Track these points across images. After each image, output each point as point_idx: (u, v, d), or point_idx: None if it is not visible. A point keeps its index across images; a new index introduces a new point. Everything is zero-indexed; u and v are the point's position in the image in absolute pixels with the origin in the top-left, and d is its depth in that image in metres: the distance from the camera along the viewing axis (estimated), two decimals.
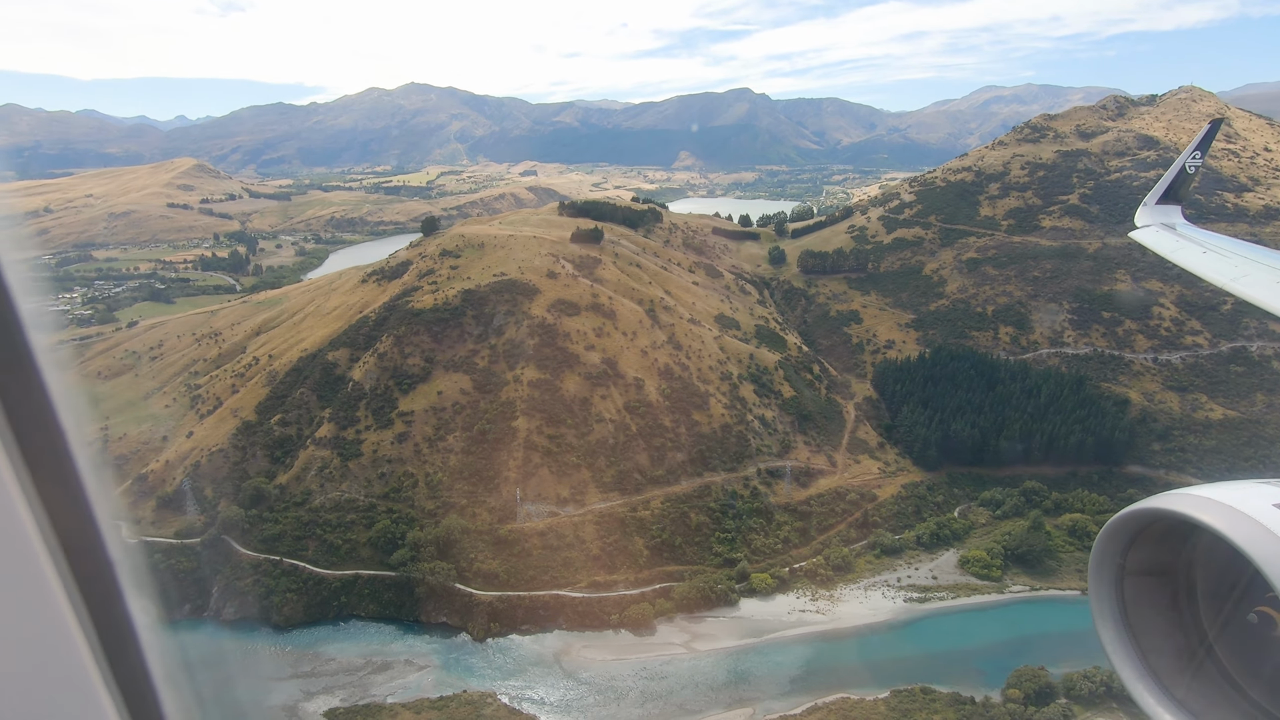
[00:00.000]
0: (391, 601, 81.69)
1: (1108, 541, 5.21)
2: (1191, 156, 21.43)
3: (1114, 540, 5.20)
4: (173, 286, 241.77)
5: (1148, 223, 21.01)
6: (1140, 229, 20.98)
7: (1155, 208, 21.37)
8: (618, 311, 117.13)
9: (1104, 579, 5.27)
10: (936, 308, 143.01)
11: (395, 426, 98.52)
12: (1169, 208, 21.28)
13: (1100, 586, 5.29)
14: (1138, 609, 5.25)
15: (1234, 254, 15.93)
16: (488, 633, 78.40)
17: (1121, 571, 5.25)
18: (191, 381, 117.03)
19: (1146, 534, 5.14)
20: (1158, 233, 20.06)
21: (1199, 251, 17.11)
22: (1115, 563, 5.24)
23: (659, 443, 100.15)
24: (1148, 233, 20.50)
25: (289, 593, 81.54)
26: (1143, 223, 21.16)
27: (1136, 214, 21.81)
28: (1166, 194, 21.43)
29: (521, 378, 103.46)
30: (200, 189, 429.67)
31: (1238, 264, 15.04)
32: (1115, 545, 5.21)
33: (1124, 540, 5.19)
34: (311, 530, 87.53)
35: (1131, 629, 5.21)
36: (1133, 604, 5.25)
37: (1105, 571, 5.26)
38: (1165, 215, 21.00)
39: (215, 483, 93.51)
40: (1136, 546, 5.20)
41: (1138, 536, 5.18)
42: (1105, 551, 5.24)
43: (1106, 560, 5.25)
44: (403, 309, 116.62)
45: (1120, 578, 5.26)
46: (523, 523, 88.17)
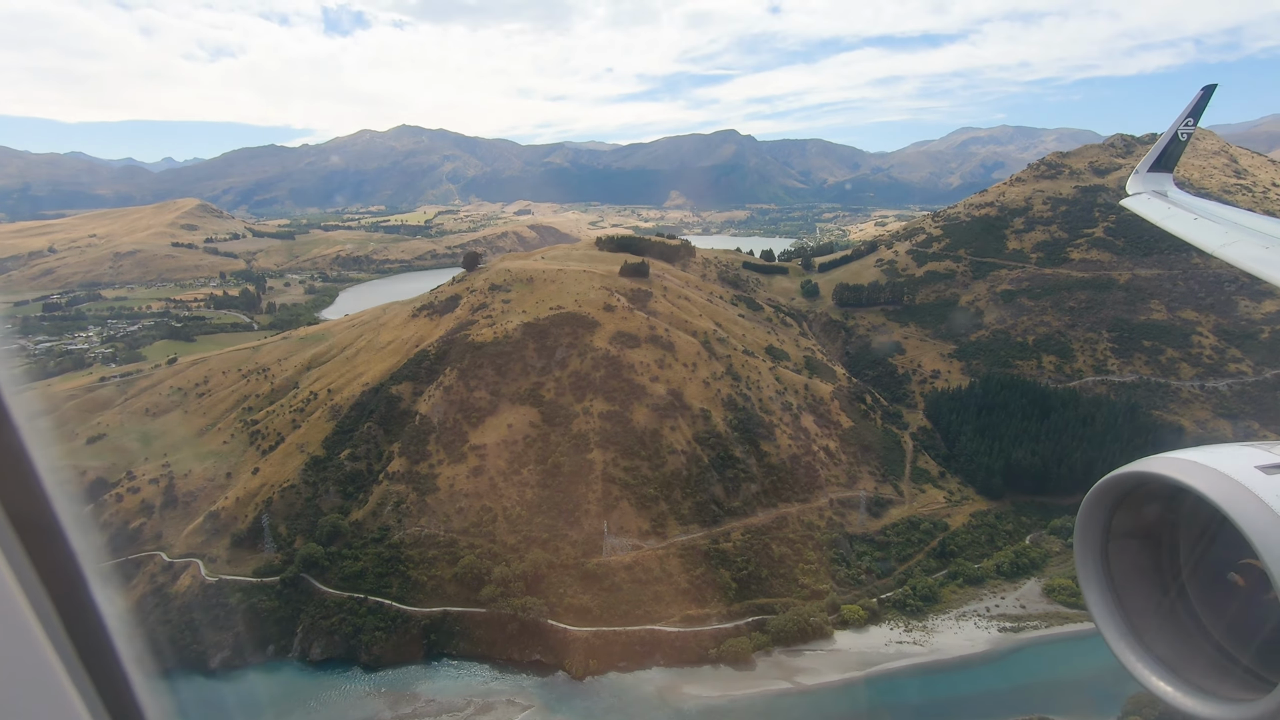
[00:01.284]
0: (483, 639, 79.76)
1: (1093, 506, 5.23)
2: (1184, 124, 21.28)
3: (1099, 505, 5.22)
4: (189, 325, 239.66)
5: (1139, 190, 20.95)
6: (1131, 196, 20.92)
7: (1147, 175, 21.32)
8: (676, 343, 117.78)
9: (1089, 543, 5.30)
10: (977, 338, 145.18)
11: (469, 460, 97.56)
12: (1160, 175, 21.20)
13: (1086, 550, 5.33)
14: (1122, 571, 5.30)
15: (1223, 220, 15.91)
16: (586, 670, 76.60)
17: (1107, 535, 5.28)
18: (247, 417, 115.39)
19: (1132, 498, 5.18)
20: (1149, 200, 19.97)
21: (1190, 218, 17.05)
22: (1101, 526, 5.27)
23: (732, 474, 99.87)
24: (1139, 200, 20.41)
25: (377, 631, 79.46)
26: (1134, 190, 21.13)
27: (1128, 181, 21.84)
28: (1158, 162, 21.34)
29: (591, 410, 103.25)
30: (204, 228, 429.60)
31: (1227, 230, 14.99)
32: (1100, 509, 5.24)
33: (1109, 505, 5.21)
34: (394, 567, 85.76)
35: (1116, 591, 5.25)
36: (1117, 566, 5.30)
37: (1091, 535, 5.29)
38: (1157, 183, 20.89)
39: (289, 519, 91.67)
40: (1122, 510, 5.24)
41: (1123, 500, 5.21)
42: (1091, 516, 5.26)
43: (1092, 524, 5.28)
44: (462, 342, 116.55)
45: (1106, 541, 5.29)
46: (608, 556, 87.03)
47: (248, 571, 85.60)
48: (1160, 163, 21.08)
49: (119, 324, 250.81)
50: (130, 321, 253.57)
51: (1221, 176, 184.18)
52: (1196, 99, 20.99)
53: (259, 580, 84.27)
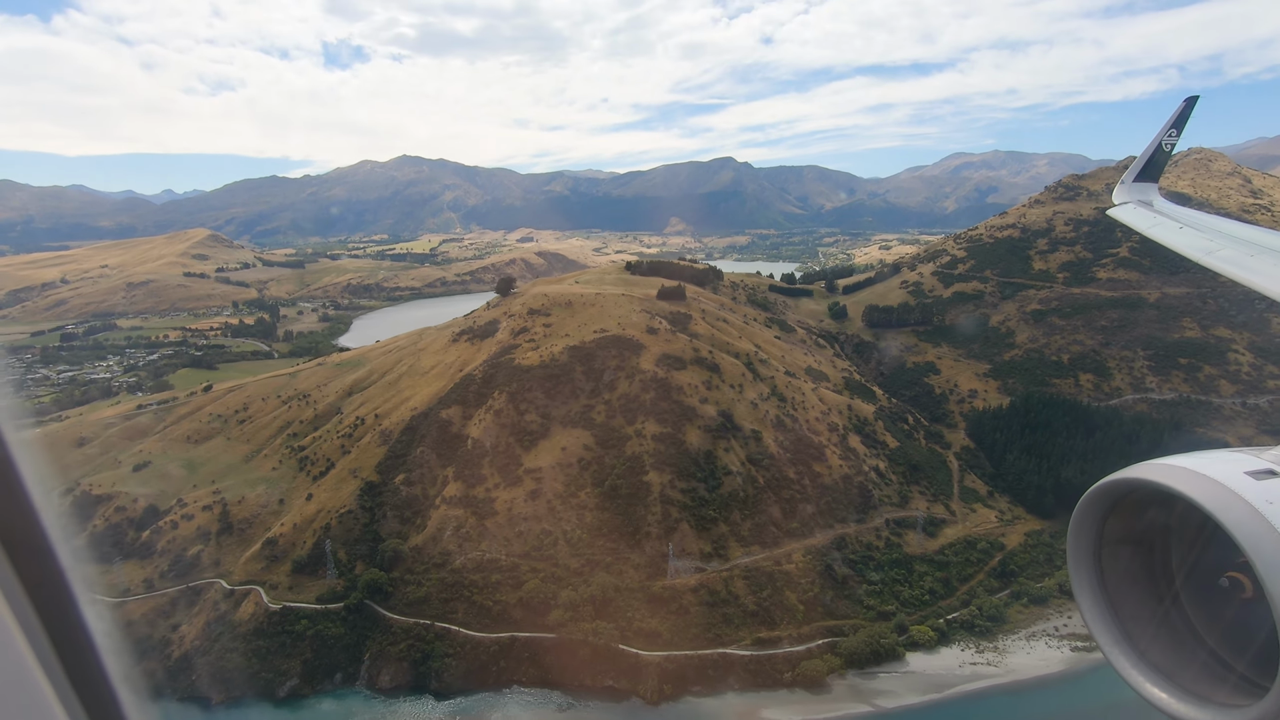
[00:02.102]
0: (553, 665, 78.62)
1: (1085, 513, 5.22)
2: (1168, 134, 21.63)
3: (1091, 511, 5.21)
4: (209, 353, 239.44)
5: (1125, 199, 21.17)
6: (1118, 206, 21.10)
7: (1133, 185, 21.61)
8: (721, 365, 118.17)
9: (1082, 549, 5.30)
10: (1011, 357, 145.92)
11: (525, 484, 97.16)
12: (1146, 185, 21.55)
13: (1079, 557, 5.33)
14: (1115, 577, 5.26)
15: (1208, 229, 16.01)
16: (660, 695, 75.51)
17: (1099, 541, 5.26)
18: (293, 443, 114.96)
19: (1123, 504, 5.17)
20: (1135, 209, 20.09)
21: (1175, 227, 17.17)
22: (1093, 533, 5.26)
23: (787, 495, 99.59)
24: (1125, 209, 20.51)
25: (447, 658, 78.37)
26: (1120, 200, 21.37)
27: (1114, 191, 22.18)
28: (1143, 172, 21.70)
29: (644, 431, 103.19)
30: (214, 258, 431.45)
31: (1211, 238, 15.07)
32: (1093, 516, 5.23)
33: (1101, 511, 5.21)
34: (458, 592, 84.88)
35: (1109, 597, 5.22)
36: (1110, 573, 5.27)
37: (1084, 542, 5.28)
38: (1142, 193, 21.22)
39: (347, 545, 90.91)
40: (1114, 517, 5.22)
41: (1115, 507, 5.19)
42: (1083, 522, 5.26)
43: (1085, 531, 5.27)
44: (508, 365, 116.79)
45: (1098, 548, 5.28)
46: (673, 579, 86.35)
47: (310, 598, 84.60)
48: (1145, 173, 21.52)
49: (137, 353, 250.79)
50: (149, 350, 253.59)
51: (1239, 197, 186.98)
52: (1179, 110, 21.60)
53: (323, 607, 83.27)
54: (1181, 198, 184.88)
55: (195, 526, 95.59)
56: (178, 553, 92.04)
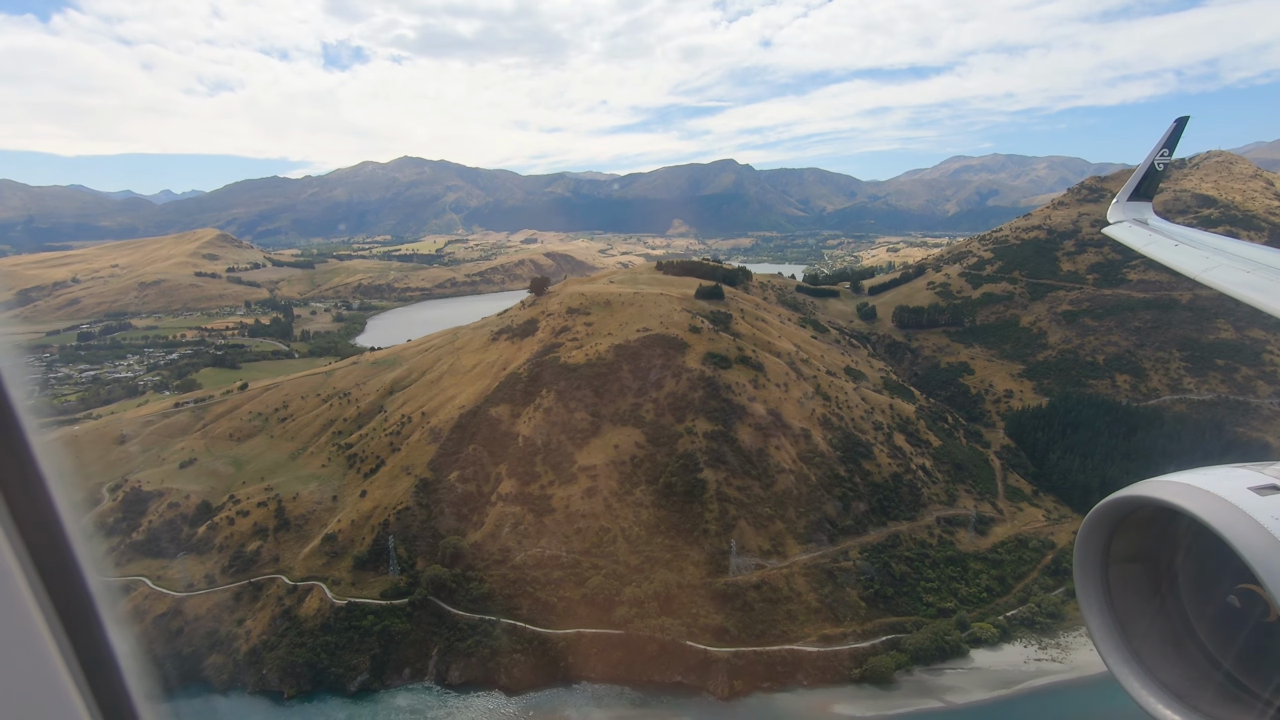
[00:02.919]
0: (621, 661, 78.84)
1: (1091, 531, 5.23)
2: (1160, 154, 21.76)
3: (1097, 529, 5.22)
4: (230, 353, 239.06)
5: (1120, 218, 21.32)
6: (1113, 224, 21.31)
7: (1127, 204, 21.67)
8: (765, 364, 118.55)
9: (1089, 568, 5.28)
10: (1044, 358, 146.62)
11: (580, 481, 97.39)
12: (1140, 204, 21.59)
13: (1086, 575, 5.30)
14: (1122, 595, 5.25)
15: (1204, 246, 16.08)
16: (730, 691, 75.78)
17: (1106, 559, 5.26)
18: (339, 441, 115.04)
19: (1129, 522, 5.17)
20: (1130, 228, 20.22)
21: (1171, 245, 17.26)
22: (1099, 551, 5.26)
23: (840, 492, 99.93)
24: (1121, 228, 20.61)
25: (515, 654, 78.55)
26: (1115, 219, 21.54)
27: (1109, 210, 22.33)
28: (1137, 191, 21.76)
29: (695, 429, 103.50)
30: (224, 258, 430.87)
31: (1208, 255, 15.10)
32: (1099, 534, 5.24)
33: (1107, 529, 5.22)
34: (521, 588, 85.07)
35: (1117, 615, 5.21)
36: (1117, 591, 5.25)
37: (1090, 560, 5.28)
38: (1137, 211, 21.29)
39: (406, 541, 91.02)
40: (1120, 534, 5.22)
41: (1120, 524, 5.20)
42: (1089, 540, 5.26)
43: (1091, 549, 5.27)
44: (553, 364, 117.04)
45: (1105, 565, 5.27)
46: (736, 575, 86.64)
47: (374, 594, 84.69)
48: (1139, 191, 21.64)
49: (155, 353, 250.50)
50: (167, 350, 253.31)
51: (1264, 199, 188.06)
52: (1171, 130, 21.80)
53: (387, 603, 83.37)
54: (1207, 200, 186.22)
55: (252, 523, 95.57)
56: (236, 548, 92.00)
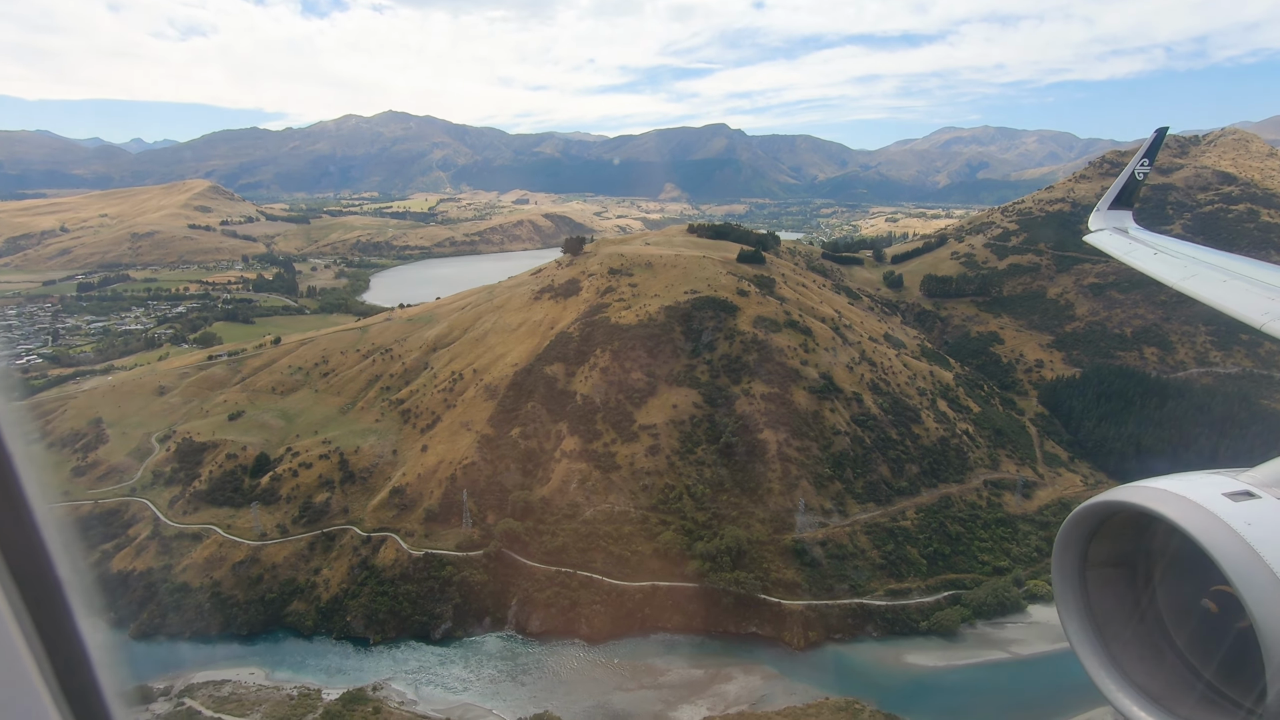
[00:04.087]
0: (697, 613, 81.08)
1: (1069, 535, 5.31)
2: (1140, 164, 22.24)
3: (1075, 533, 5.30)
4: (239, 307, 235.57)
5: (1101, 226, 21.52)
6: (1094, 233, 21.49)
7: (1108, 213, 21.87)
8: (812, 329, 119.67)
9: (1067, 572, 5.37)
10: (1072, 329, 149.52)
11: (642, 440, 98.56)
12: (1121, 212, 21.79)
13: (1064, 579, 5.38)
14: (1100, 599, 5.32)
15: (1182, 255, 16.36)
16: (805, 641, 78.53)
17: (1084, 563, 5.34)
18: (389, 396, 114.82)
19: (1107, 527, 5.24)
20: (1111, 236, 20.46)
21: (1150, 253, 17.52)
22: (1078, 555, 5.34)
23: (894, 455, 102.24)
24: (1102, 236, 20.86)
25: (594, 604, 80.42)
26: (1096, 227, 21.82)
27: (1090, 218, 22.63)
28: (1118, 199, 22.00)
29: (752, 391, 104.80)
30: (217, 210, 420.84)
31: (1186, 264, 15.37)
32: (1077, 539, 5.31)
33: (1085, 533, 5.29)
34: (593, 542, 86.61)
35: (1094, 619, 5.29)
36: (1095, 595, 5.32)
37: (1068, 564, 5.36)
38: (1118, 220, 21.53)
39: (474, 495, 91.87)
40: (1098, 539, 5.29)
41: (1098, 529, 5.26)
42: (1067, 545, 5.34)
43: (1069, 553, 5.35)
44: (604, 324, 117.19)
45: (1083, 569, 5.35)
46: (801, 533, 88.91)
47: (449, 546, 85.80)
48: (1120, 200, 21.90)
49: (160, 305, 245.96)
50: (172, 303, 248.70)
51: None
52: (1150, 140, 22.40)
53: (463, 554, 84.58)
54: (1227, 177, 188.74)
55: (316, 475, 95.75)
56: (304, 499, 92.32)
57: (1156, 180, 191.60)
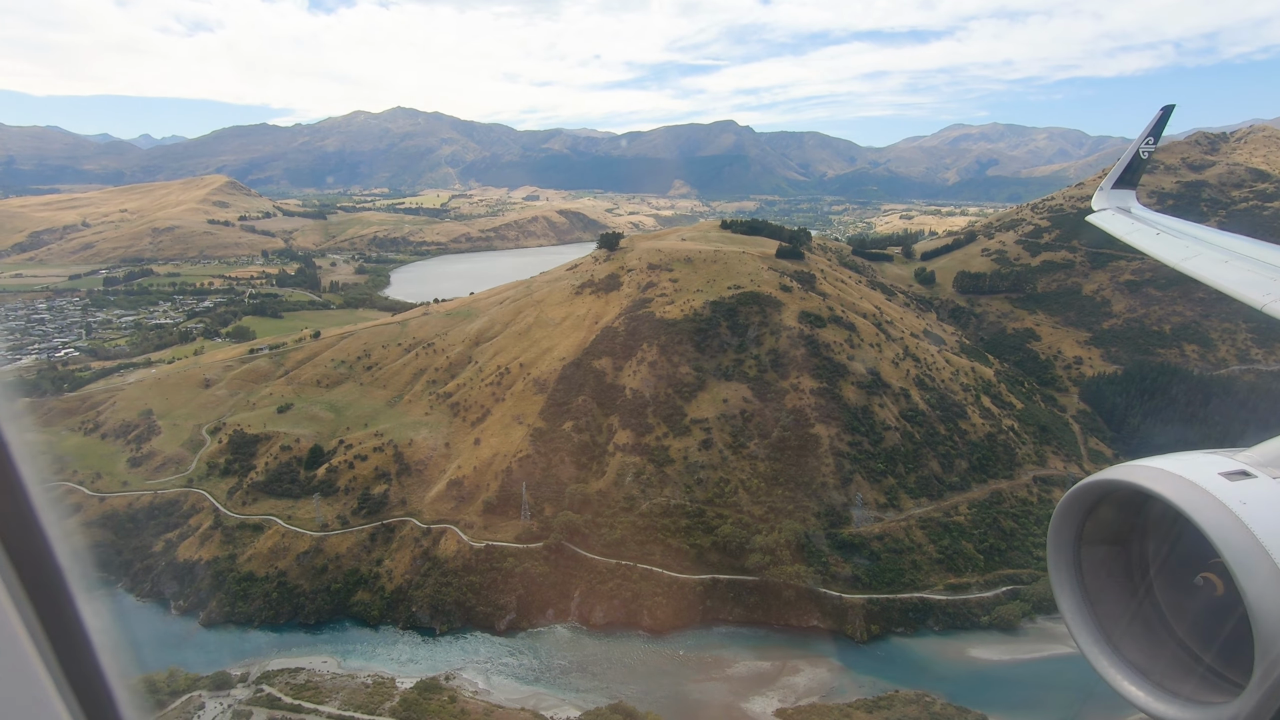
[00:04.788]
0: (758, 606, 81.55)
1: (1065, 513, 5.35)
2: (1145, 142, 21.78)
3: (1071, 512, 5.34)
4: (266, 301, 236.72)
5: (1104, 206, 21.36)
6: (1097, 212, 21.36)
7: (1111, 192, 21.75)
8: (856, 324, 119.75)
9: (1062, 549, 5.41)
10: (1110, 326, 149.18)
11: (694, 434, 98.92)
12: (1124, 192, 21.59)
13: (1059, 556, 5.43)
14: (1094, 577, 5.36)
15: (1184, 235, 16.18)
16: (867, 634, 78.94)
17: (1079, 541, 5.38)
18: (436, 390, 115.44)
19: (1103, 505, 5.28)
20: (1114, 216, 20.31)
21: (1152, 234, 17.41)
22: (1073, 533, 5.38)
23: (943, 450, 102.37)
24: (1104, 216, 20.70)
25: (656, 596, 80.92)
26: (1099, 206, 21.60)
27: (1093, 198, 22.48)
28: (1121, 179, 21.77)
29: (800, 386, 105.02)
30: (234, 205, 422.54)
31: (1188, 244, 15.21)
32: (1073, 516, 5.35)
33: (1081, 512, 5.33)
34: (651, 535, 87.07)
35: (1088, 596, 5.34)
36: (1090, 572, 5.37)
37: (1063, 542, 5.41)
38: (1120, 199, 21.37)
39: (530, 488, 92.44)
40: (1093, 517, 5.33)
41: (1094, 508, 5.30)
42: (1063, 522, 5.38)
43: (1064, 531, 5.39)
44: (649, 319, 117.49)
45: (1078, 547, 5.39)
46: (858, 527, 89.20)
47: (508, 537, 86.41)
48: (1124, 180, 21.64)
49: (185, 299, 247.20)
50: (198, 297, 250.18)
51: None
52: (1156, 119, 21.85)
53: (524, 546, 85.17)
54: (1261, 174, 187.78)
55: (372, 467, 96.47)
56: (362, 491, 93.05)
57: (1189, 177, 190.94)
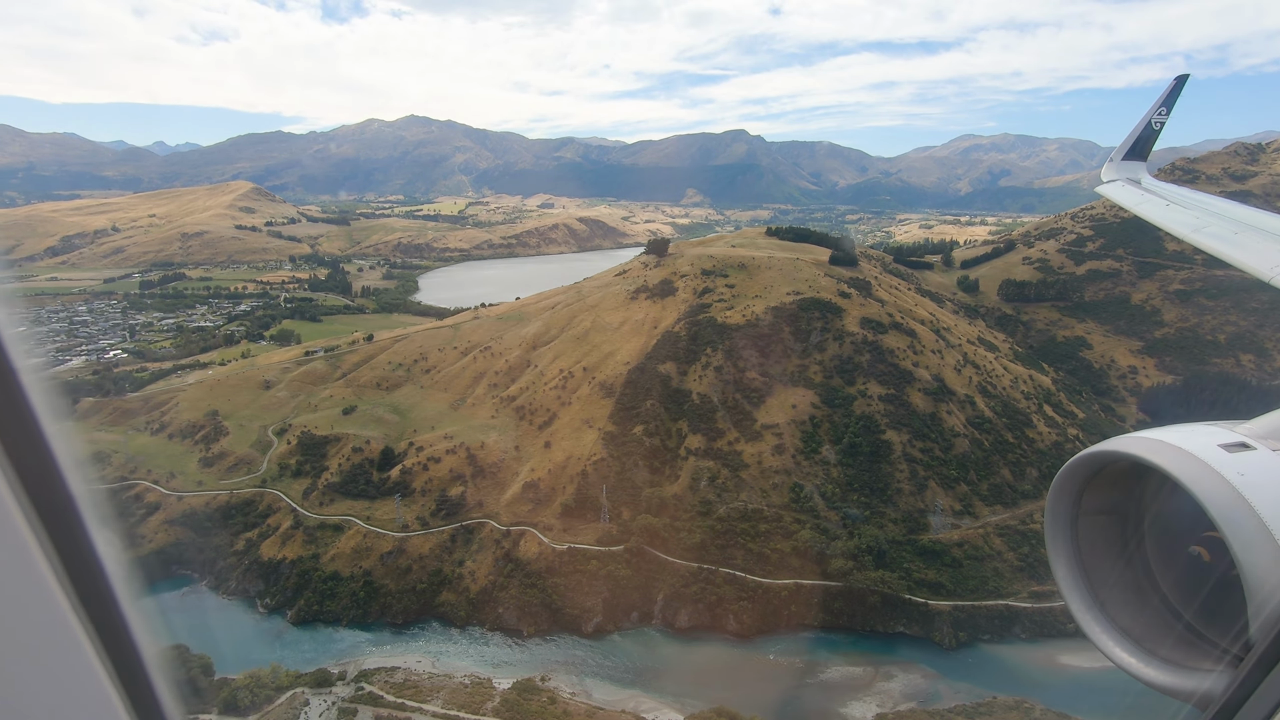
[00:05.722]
0: (843, 611, 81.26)
1: (1064, 484, 5.38)
2: (1157, 112, 21.38)
3: (1070, 482, 5.37)
4: (303, 305, 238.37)
5: (1114, 177, 20.98)
6: (1106, 183, 20.99)
7: (1121, 164, 21.35)
8: (916, 330, 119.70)
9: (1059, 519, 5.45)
10: (1162, 335, 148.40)
11: (766, 439, 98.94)
12: (1135, 163, 21.32)
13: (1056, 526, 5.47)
14: (1090, 546, 5.37)
15: (1195, 206, 15.90)
16: (955, 641, 78.47)
17: (1077, 511, 5.41)
18: (498, 394, 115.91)
19: (1101, 476, 5.31)
20: (1123, 187, 19.99)
21: (1163, 205, 17.12)
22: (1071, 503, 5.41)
23: (1013, 458, 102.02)
24: (1114, 187, 20.37)
25: (741, 601, 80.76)
26: (1109, 177, 21.23)
27: (1103, 169, 22.09)
28: (1132, 150, 21.47)
29: (868, 392, 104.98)
30: (260, 211, 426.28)
31: (1198, 216, 14.87)
32: (1071, 487, 5.39)
33: (1079, 482, 5.36)
34: (731, 539, 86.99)
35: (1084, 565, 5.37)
36: (1086, 542, 5.39)
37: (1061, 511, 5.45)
38: (1131, 170, 21.04)
39: (606, 491, 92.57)
40: (1091, 488, 5.37)
41: (1093, 479, 5.33)
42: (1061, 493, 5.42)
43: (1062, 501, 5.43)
44: (711, 324, 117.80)
45: (1075, 517, 5.42)
46: (937, 533, 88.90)
47: (589, 540, 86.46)
48: (1134, 151, 21.39)
49: (221, 303, 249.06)
50: (234, 301, 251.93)
51: None
52: (1170, 89, 21.48)
53: (604, 549, 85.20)
54: None
55: (447, 469, 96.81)
56: (439, 492, 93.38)
57: (1233, 187, 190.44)
